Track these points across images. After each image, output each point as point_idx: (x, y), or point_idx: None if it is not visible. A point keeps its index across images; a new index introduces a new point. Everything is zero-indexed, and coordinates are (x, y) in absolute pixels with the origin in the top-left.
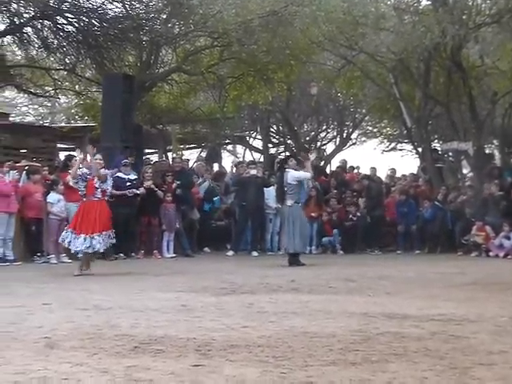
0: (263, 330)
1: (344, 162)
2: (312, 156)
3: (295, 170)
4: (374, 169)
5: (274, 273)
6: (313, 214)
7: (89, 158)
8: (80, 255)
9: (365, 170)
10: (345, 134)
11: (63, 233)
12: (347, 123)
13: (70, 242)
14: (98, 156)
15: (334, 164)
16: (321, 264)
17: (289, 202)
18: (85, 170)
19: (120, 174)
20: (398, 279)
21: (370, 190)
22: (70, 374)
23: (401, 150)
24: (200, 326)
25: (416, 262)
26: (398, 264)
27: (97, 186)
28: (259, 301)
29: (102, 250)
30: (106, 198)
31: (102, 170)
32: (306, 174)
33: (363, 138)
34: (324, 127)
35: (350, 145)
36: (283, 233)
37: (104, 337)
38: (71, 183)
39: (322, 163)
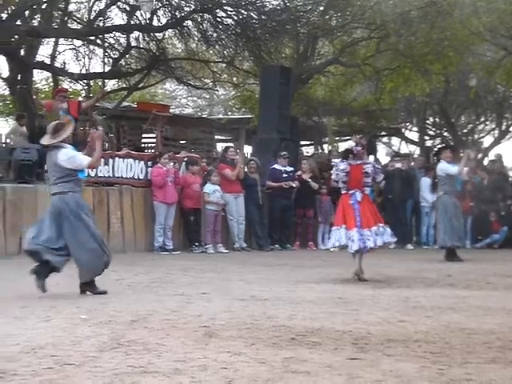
0: (420, 324)
1: (499, 156)
2: (471, 154)
3: (448, 162)
4: None
5: (430, 267)
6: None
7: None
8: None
9: None
10: (504, 127)
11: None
12: (506, 115)
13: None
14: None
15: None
16: (478, 259)
17: (439, 193)
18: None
19: (277, 166)
20: None
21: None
22: (229, 363)
23: None
24: (356, 318)
25: None
26: None
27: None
28: (415, 295)
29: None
30: None
31: None
32: (453, 169)
33: None
34: (482, 119)
35: (509, 138)
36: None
37: (261, 327)
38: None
39: (480, 156)
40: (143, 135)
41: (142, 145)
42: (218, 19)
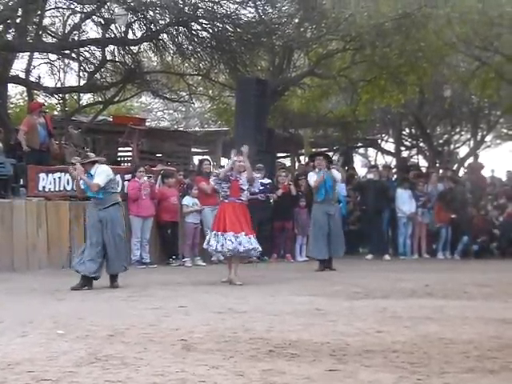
0: (398, 335)
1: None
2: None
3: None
4: (510, 172)
5: (407, 277)
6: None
7: (233, 158)
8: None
9: (500, 174)
10: (479, 137)
11: (208, 237)
12: (481, 126)
13: (217, 243)
14: (241, 158)
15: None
16: (454, 269)
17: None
18: (228, 172)
19: None
20: None
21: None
22: (207, 376)
23: None
24: (334, 330)
25: None
26: None
27: (244, 188)
28: (393, 305)
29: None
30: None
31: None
32: (313, 178)
33: (498, 141)
34: (457, 130)
35: (484, 147)
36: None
37: (239, 340)
38: (212, 182)
39: (455, 167)
40: (119, 149)
41: (119, 158)
42: (194, 32)
